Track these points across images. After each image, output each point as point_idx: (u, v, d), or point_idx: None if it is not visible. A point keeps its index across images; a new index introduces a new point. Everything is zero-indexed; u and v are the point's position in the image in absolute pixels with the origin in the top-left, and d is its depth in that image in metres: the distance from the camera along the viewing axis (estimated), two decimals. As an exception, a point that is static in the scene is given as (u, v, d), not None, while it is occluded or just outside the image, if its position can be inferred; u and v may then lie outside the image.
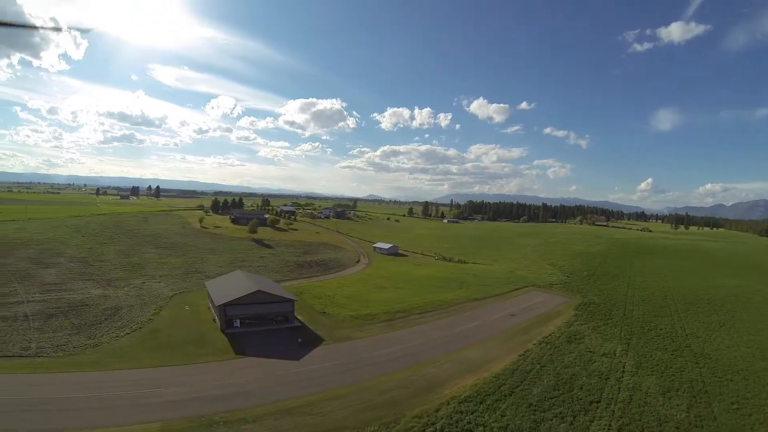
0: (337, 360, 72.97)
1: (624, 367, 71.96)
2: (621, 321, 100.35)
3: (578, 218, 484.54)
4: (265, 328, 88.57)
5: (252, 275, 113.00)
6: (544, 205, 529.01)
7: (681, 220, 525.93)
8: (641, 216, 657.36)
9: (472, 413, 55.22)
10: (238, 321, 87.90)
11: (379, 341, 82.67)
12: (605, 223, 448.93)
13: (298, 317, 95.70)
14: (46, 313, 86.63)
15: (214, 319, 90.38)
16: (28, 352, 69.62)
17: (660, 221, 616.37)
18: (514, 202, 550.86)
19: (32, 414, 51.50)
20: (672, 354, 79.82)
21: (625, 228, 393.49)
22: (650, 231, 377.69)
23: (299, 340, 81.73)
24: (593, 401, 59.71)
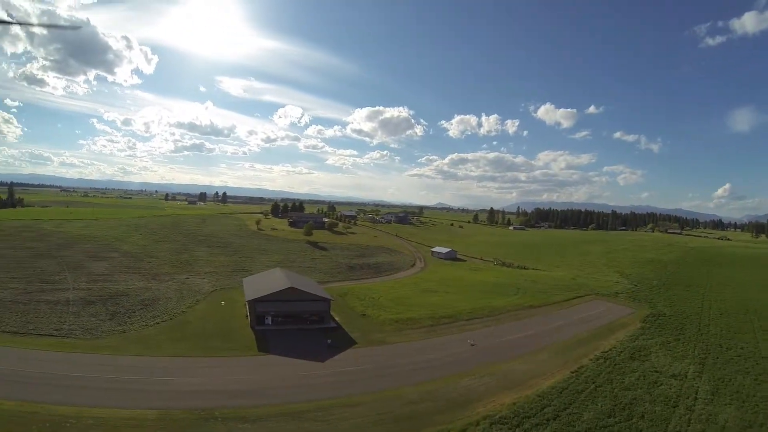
0: (364, 365, 72.38)
1: (697, 393, 65.40)
2: (695, 337, 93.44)
3: (649, 226, 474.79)
4: (297, 327, 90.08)
5: (290, 273, 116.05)
6: (614, 212, 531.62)
7: (763, 228, 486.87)
8: (718, 224, 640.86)
9: (504, 439, 51.40)
10: (270, 318, 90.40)
11: (416, 347, 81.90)
12: (678, 231, 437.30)
13: (335, 318, 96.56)
14: (86, 300, 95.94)
15: (247, 316, 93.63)
16: (59, 332, 77.74)
17: (739, 230, 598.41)
18: (582, 210, 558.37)
19: (36, 387, 56.79)
20: (755, 379, 71.05)
21: (700, 236, 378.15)
22: (728, 240, 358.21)
23: (328, 341, 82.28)
24: (657, 434, 53.94)
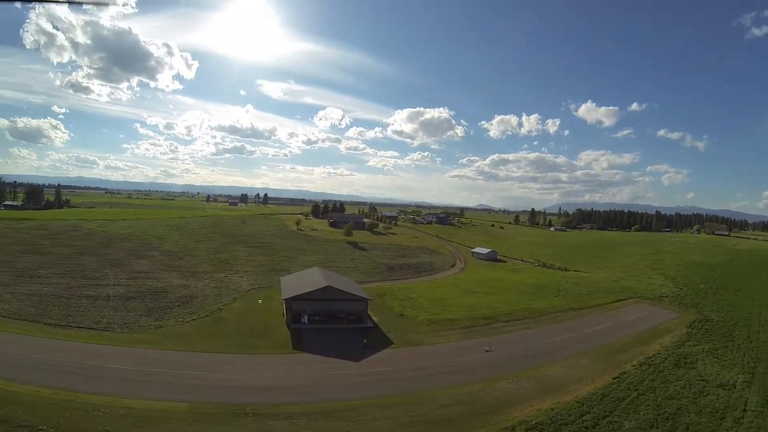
0: (400, 365, 72.28)
1: (745, 405, 62.28)
2: (744, 344, 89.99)
3: (695, 227, 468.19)
4: (333, 326, 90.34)
5: (328, 272, 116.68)
6: (658, 213, 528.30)
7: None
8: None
9: (540, 445, 50.22)
10: (306, 317, 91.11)
11: (453, 349, 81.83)
12: (726, 233, 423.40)
13: (373, 318, 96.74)
14: (125, 295, 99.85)
15: (283, 314, 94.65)
16: (98, 325, 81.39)
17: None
18: (625, 211, 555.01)
19: (72, 376, 59.49)
20: (809, 391, 66.67)
21: (749, 238, 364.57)
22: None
23: (365, 340, 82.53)
24: (701, 447, 52.76)
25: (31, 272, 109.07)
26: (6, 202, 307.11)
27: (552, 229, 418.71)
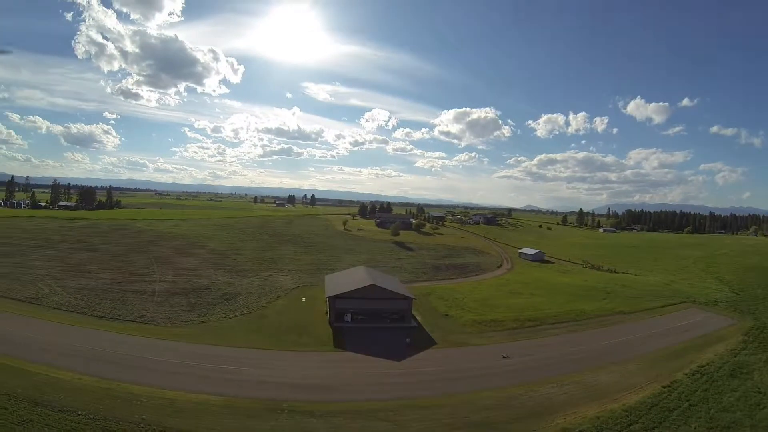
0: (442, 366, 71.92)
1: None
2: None
3: (752, 229, 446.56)
4: (376, 325, 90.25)
5: (373, 271, 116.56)
6: (712, 214, 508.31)
7: None
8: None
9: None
10: (349, 315, 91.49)
11: (497, 350, 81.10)
12: None
13: (417, 317, 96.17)
14: (170, 291, 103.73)
15: (327, 312, 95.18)
16: (142, 318, 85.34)
17: None
18: (677, 212, 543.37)
19: (113, 366, 62.07)
20: None
21: None
22: None
23: (407, 340, 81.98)
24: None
25: (81, 267, 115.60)
26: (60, 203, 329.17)
27: (601, 230, 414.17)
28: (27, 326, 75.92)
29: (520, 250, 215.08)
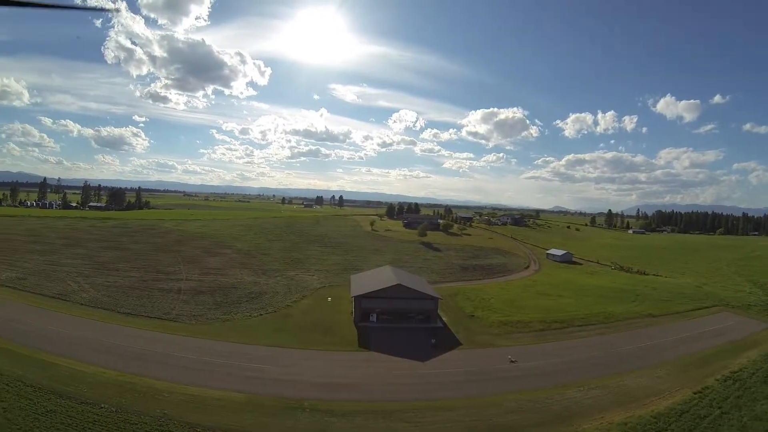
0: (467, 367, 71.41)
1: None
2: None
3: None
4: (402, 325, 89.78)
5: (399, 271, 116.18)
6: (745, 215, 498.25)
7: None
8: None
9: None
10: (374, 315, 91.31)
11: (523, 352, 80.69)
12: None
13: (443, 317, 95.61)
14: (196, 290, 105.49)
15: (352, 312, 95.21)
16: (168, 316, 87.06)
17: None
18: (709, 213, 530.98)
19: (137, 361, 63.54)
20: None
21: None
22: None
23: (432, 340, 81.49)
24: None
25: (109, 266, 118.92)
26: (90, 204, 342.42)
27: (630, 231, 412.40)
28: (54, 321, 78.67)
29: (547, 251, 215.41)
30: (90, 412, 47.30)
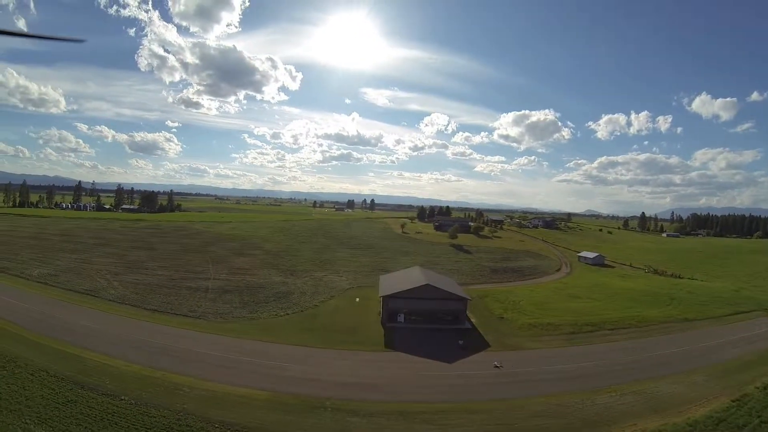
0: (495, 370, 69.80)
1: None
2: None
3: None
4: (430, 326, 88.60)
5: (428, 271, 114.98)
6: None
7: None
8: None
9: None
10: (402, 315, 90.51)
11: (553, 355, 79.92)
12: None
13: (471, 319, 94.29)
14: (223, 289, 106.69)
15: (380, 312, 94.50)
16: (193, 313, 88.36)
17: None
18: (746, 215, 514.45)
19: (160, 356, 64.44)
20: None
21: None
22: None
23: (460, 342, 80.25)
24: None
25: (139, 264, 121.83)
26: (123, 206, 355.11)
27: (664, 234, 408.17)
28: (82, 315, 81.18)
29: (579, 254, 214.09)
30: (110, 404, 47.92)
